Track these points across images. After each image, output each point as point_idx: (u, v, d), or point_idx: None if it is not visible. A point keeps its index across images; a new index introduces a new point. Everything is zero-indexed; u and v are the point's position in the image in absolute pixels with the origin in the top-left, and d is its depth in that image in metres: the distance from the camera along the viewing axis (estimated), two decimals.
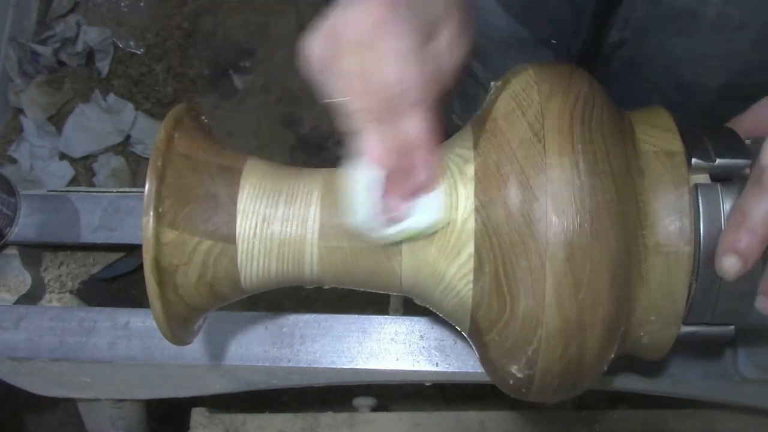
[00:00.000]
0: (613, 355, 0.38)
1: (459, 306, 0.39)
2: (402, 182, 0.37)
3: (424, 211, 0.38)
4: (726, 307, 0.38)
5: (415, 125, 0.36)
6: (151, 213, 0.37)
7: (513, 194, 0.35)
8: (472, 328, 0.39)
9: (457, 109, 0.71)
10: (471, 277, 0.38)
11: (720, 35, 0.47)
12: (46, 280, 0.67)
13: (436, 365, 0.55)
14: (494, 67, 0.61)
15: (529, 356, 0.36)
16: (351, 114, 0.36)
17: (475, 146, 0.39)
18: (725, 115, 0.42)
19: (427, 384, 0.58)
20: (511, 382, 0.39)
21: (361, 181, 0.37)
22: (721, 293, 0.37)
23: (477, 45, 0.59)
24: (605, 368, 0.39)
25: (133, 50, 1.58)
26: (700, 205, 0.37)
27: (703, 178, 0.38)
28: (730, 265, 0.34)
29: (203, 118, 0.44)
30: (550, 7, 0.54)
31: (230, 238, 0.39)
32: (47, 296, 0.66)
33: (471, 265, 0.38)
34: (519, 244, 0.35)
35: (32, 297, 0.64)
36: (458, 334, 0.52)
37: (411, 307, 0.64)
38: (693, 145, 0.38)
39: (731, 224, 0.35)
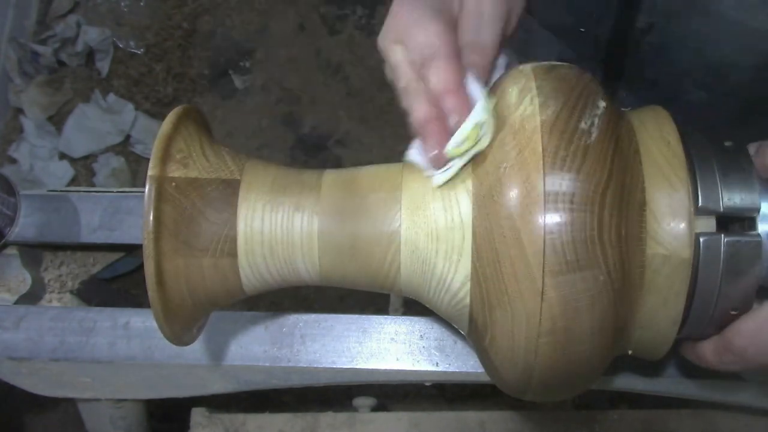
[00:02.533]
0: (612, 356, 0.38)
1: (458, 307, 0.39)
2: (442, 131, 0.39)
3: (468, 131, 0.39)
4: (722, 315, 0.38)
5: (438, 76, 0.39)
6: (152, 214, 0.37)
7: (511, 198, 0.35)
8: (472, 329, 0.39)
9: None
10: (469, 278, 0.37)
11: (744, 12, 0.47)
12: (46, 280, 0.67)
13: (436, 365, 0.55)
14: (520, 55, 0.61)
15: (529, 357, 0.36)
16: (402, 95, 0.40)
17: (474, 158, 0.39)
18: (757, 96, 0.42)
19: (427, 384, 0.58)
20: (510, 382, 0.39)
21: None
22: (719, 301, 0.38)
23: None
24: (604, 369, 0.39)
25: (133, 50, 1.58)
26: (701, 254, 0.37)
27: (707, 222, 0.37)
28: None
29: (203, 118, 0.44)
30: None
31: (231, 241, 0.39)
32: (47, 296, 0.66)
33: (469, 266, 0.38)
34: (517, 246, 0.35)
35: (32, 297, 0.64)
36: (458, 334, 0.52)
37: (411, 307, 0.64)
38: (701, 180, 0.37)
39: (686, 347, 0.42)
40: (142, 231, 0.37)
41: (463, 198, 0.38)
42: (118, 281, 1.00)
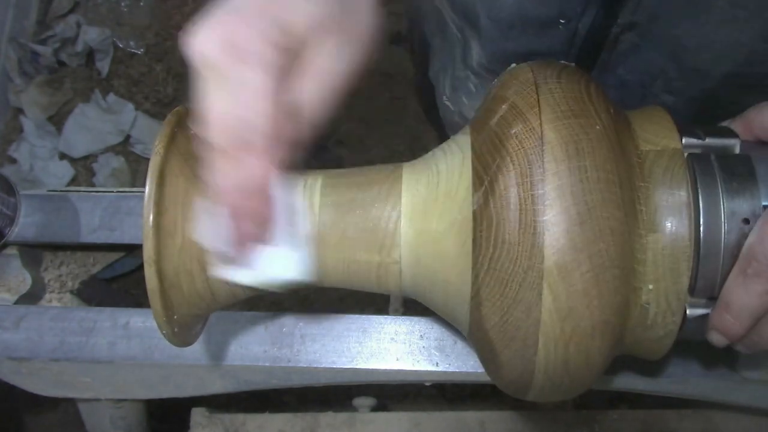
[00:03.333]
0: (612, 356, 0.38)
1: (458, 307, 0.39)
2: (244, 225, 0.36)
3: (271, 266, 0.37)
4: (735, 231, 0.38)
5: (255, 169, 0.34)
6: (151, 216, 0.37)
7: (511, 197, 0.35)
8: (471, 330, 0.39)
9: (447, 90, 0.71)
10: (469, 278, 0.38)
11: (730, 24, 0.47)
12: (46, 280, 0.67)
13: (436, 365, 0.55)
14: (492, 48, 0.60)
15: (528, 357, 0.36)
16: (204, 136, 0.34)
17: (473, 148, 0.39)
18: (724, 103, 0.42)
19: (427, 384, 0.58)
20: (510, 382, 0.39)
21: (207, 204, 0.37)
22: (726, 206, 0.37)
23: (479, 24, 0.59)
24: (604, 369, 0.39)
25: (133, 50, 1.58)
26: (697, 177, 0.37)
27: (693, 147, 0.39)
28: (717, 340, 0.39)
29: None
30: None
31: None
32: (47, 296, 0.66)
33: (469, 266, 0.38)
34: (516, 246, 0.35)
35: (32, 297, 0.64)
36: (458, 333, 0.52)
37: (411, 307, 0.64)
38: (683, 127, 0.39)
39: (718, 307, 0.37)
40: (142, 235, 0.37)
41: (463, 197, 0.38)
42: (118, 281, 0.99)
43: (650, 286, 0.37)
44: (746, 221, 0.36)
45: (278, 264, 0.38)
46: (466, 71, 0.65)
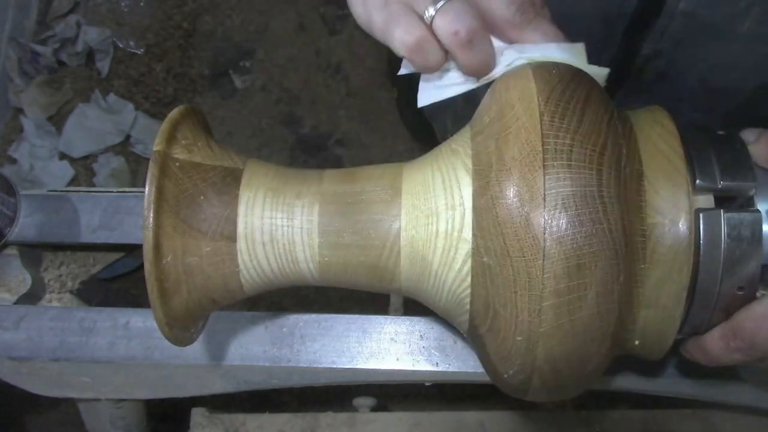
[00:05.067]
0: (612, 356, 0.38)
1: (457, 308, 0.39)
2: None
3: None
4: (728, 295, 0.38)
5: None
6: (151, 217, 0.37)
7: (510, 197, 0.35)
8: (471, 330, 0.39)
9: (450, 127, 0.71)
10: (469, 279, 0.37)
11: (756, 41, 0.47)
12: (46, 280, 0.67)
13: (436, 365, 0.55)
14: None
15: (528, 357, 0.36)
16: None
17: (473, 148, 0.39)
18: (755, 115, 0.42)
19: (427, 384, 0.58)
20: (510, 382, 0.39)
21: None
22: (724, 278, 0.37)
23: None
24: (604, 369, 0.39)
25: (133, 50, 1.58)
26: (701, 229, 0.36)
27: (705, 200, 0.37)
28: (689, 357, 0.41)
29: (204, 119, 0.44)
30: (580, 22, 0.54)
31: (231, 241, 0.39)
32: (47, 296, 0.66)
33: (469, 266, 0.37)
34: (516, 247, 0.35)
35: (32, 297, 0.64)
36: (458, 334, 0.52)
37: (411, 307, 0.64)
38: (697, 161, 0.38)
39: (695, 343, 0.40)
40: (144, 199, 0.37)
41: (462, 174, 0.38)
42: (118, 281, 0.99)
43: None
44: (741, 288, 0.37)
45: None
46: (470, 110, 0.65)
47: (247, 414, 0.64)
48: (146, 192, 0.37)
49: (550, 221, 0.34)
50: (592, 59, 0.49)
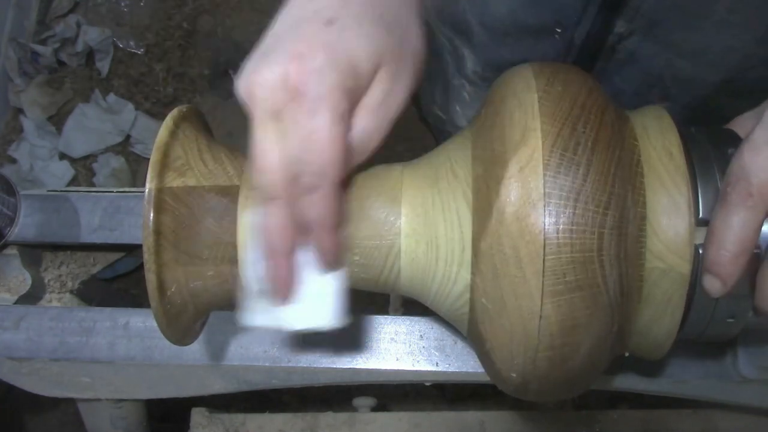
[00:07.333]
0: (612, 356, 0.38)
1: (458, 313, 0.39)
2: (288, 260, 0.35)
3: (310, 310, 0.38)
4: (722, 317, 0.38)
5: (318, 205, 0.34)
6: (151, 216, 0.37)
7: (510, 201, 0.35)
8: (471, 330, 0.39)
9: (438, 99, 0.70)
10: (469, 280, 0.37)
11: (725, 30, 0.47)
12: (46, 280, 0.67)
13: (436, 365, 0.55)
14: (486, 55, 0.60)
15: (528, 358, 0.36)
16: (258, 177, 0.34)
17: (473, 151, 0.39)
18: (716, 111, 0.42)
19: (427, 384, 0.58)
20: (510, 382, 0.39)
21: (252, 231, 0.37)
22: (716, 313, 0.38)
23: (471, 33, 0.58)
24: (604, 370, 0.39)
25: (133, 50, 1.58)
26: (699, 267, 0.36)
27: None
28: (710, 285, 0.35)
29: (202, 119, 0.44)
30: None
31: (233, 264, 0.39)
32: (47, 296, 0.66)
33: (467, 299, 0.38)
34: (514, 304, 0.35)
35: (32, 297, 0.64)
36: (458, 333, 0.52)
37: (411, 307, 0.64)
38: (703, 194, 0.37)
39: (706, 243, 0.35)
40: (142, 239, 0.37)
41: (463, 208, 0.38)
42: (118, 281, 0.99)
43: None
44: (732, 317, 0.38)
45: (311, 308, 0.38)
46: (460, 80, 0.65)
47: (247, 414, 0.64)
48: (143, 234, 0.37)
49: (548, 283, 0.34)
50: (566, 36, 0.48)
